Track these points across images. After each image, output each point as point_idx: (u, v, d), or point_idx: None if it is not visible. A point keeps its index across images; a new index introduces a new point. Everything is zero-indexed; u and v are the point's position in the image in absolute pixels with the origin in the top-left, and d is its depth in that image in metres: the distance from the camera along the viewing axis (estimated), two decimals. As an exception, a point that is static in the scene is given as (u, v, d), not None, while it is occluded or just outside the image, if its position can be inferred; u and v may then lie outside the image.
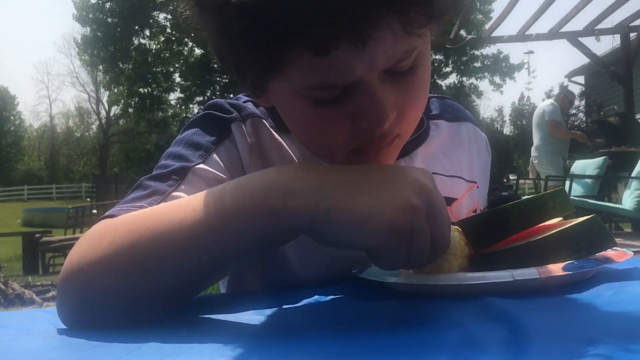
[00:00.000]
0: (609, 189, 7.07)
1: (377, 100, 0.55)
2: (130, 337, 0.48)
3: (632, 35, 8.30)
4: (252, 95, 0.71)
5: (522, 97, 42.21)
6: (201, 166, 0.71)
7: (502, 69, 26.59)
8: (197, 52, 25.37)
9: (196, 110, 26.25)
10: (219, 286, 0.89)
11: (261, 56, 0.54)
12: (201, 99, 25.76)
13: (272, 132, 0.78)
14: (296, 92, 0.58)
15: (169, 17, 24.26)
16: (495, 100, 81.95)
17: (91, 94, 42.53)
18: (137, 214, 0.60)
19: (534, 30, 8.09)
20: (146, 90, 26.12)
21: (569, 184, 6.01)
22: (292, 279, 0.75)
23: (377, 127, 0.57)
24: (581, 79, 17.08)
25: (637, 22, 8.05)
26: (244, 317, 0.55)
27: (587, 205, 5.55)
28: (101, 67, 25.85)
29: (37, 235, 7.25)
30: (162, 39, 26.00)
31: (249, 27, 0.51)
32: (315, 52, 0.51)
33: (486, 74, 27.29)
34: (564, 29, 8.09)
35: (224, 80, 24.37)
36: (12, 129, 47.69)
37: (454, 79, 29.50)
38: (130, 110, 27.35)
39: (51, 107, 52.63)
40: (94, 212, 7.60)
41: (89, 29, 24.76)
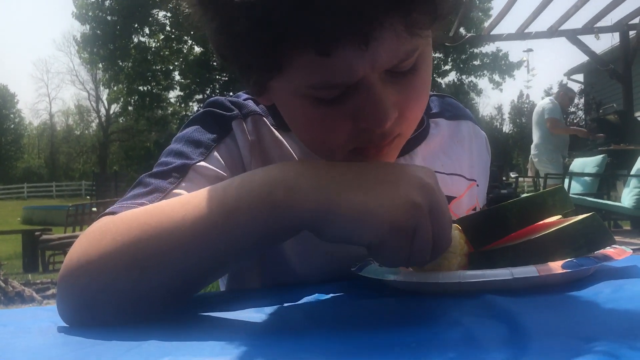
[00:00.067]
0: (608, 186, 7.07)
1: (379, 100, 0.55)
2: (130, 334, 0.48)
3: (631, 33, 8.29)
4: (253, 93, 0.71)
5: (521, 95, 42.31)
6: (202, 164, 0.71)
7: (501, 67, 26.50)
8: (197, 50, 25.31)
9: (196, 108, 26.24)
10: (219, 284, 0.89)
11: (263, 55, 0.53)
12: (201, 97, 25.72)
13: (272, 129, 0.78)
14: (297, 91, 0.58)
15: (169, 15, 24.21)
16: (494, 98, 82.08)
17: (91, 92, 42.60)
18: (138, 211, 0.59)
19: (533, 28, 8.09)
20: (146, 88, 26.04)
21: (568, 181, 6.01)
22: (292, 277, 0.75)
23: (378, 127, 0.56)
24: (580, 77, 17.03)
25: (636, 20, 8.04)
26: (244, 314, 0.55)
27: (586, 203, 5.56)
28: (101, 65, 25.73)
29: (37, 233, 7.25)
30: (162, 37, 25.90)
31: (251, 26, 0.51)
32: (317, 52, 0.51)
33: (485, 72, 27.20)
34: (563, 27, 8.07)
35: (224, 78, 24.34)
36: (12, 126, 47.65)
37: (453, 77, 29.52)
38: (129, 108, 27.28)
39: (51, 105, 52.87)
40: (94, 210, 7.61)
41: (88, 27, 24.67)
